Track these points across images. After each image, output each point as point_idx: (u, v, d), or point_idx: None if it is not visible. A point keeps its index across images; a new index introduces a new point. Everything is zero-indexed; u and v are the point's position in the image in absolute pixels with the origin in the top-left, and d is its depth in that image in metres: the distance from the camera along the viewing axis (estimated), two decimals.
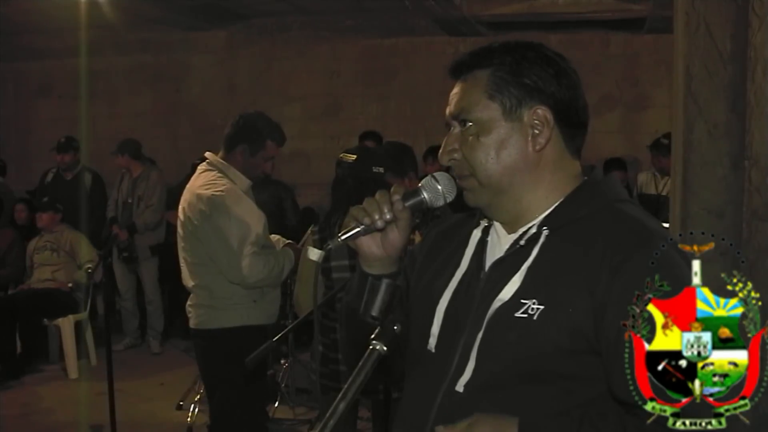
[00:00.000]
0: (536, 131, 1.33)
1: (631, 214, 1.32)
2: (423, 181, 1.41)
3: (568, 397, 1.24)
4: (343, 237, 1.38)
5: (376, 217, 1.36)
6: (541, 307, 1.25)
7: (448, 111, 1.39)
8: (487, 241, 1.41)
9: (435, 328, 1.38)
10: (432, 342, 1.38)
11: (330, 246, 1.41)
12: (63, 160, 6.83)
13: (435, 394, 1.33)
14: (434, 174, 1.42)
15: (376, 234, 1.39)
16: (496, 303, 1.30)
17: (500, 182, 1.35)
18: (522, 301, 1.27)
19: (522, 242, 1.33)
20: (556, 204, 1.35)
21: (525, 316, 1.25)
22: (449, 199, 1.40)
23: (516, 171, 1.34)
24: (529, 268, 1.30)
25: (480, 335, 1.30)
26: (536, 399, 1.25)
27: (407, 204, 1.38)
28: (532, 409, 1.24)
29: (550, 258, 1.29)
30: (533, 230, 1.33)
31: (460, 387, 1.30)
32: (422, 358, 1.39)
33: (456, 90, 1.39)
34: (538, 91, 1.33)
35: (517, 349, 1.26)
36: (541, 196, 1.35)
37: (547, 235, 1.31)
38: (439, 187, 1.39)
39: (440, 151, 1.40)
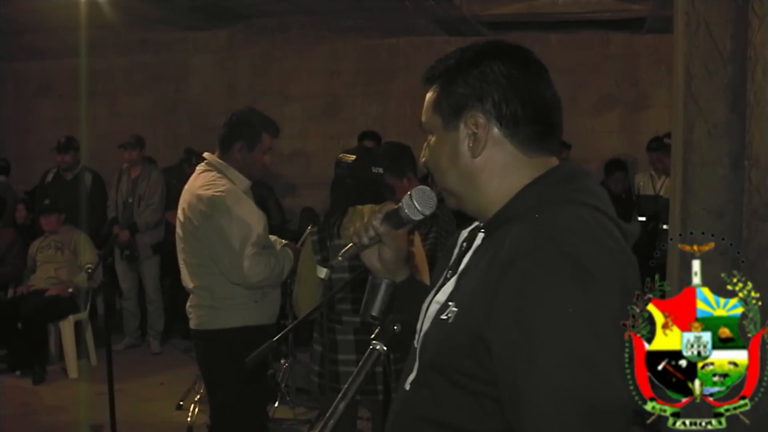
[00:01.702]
0: (474, 138, 1.33)
1: (547, 217, 1.23)
2: (403, 199, 1.50)
3: (487, 401, 1.22)
4: (341, 256, 1.54)
5: (363, 235, 1.51)
6: (456, 309, 1.27)
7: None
8: (471, 242, 1.44)
9: (419, 325, 1.43)
10: (417, 338, 1.43)
11: (332, 264, 1.55)
12: (63, 160, 6.83)
13: (401, 390, 1.40)
14: (411, 190, 1.50)
15: (374, 249, 1.53)
16: (434, 305, 1.36)
17: (453, 189, 1.38)
18: (449, 303, 1.31)
19: (464, 244, 1.39)
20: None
21: (445, 318, 1.29)
22: (427, 213, 1.47)
23: (463, 179, 1.35)
24: (461, 271, 1.34)
25: (421, 336, 1.37)
26: (458, 400, 1.26)
27: (386, 222, 1.49)
28: (455, 410, 1.26)
29: (476, 261, 1.31)
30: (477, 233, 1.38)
31: (407, 385, 1.37)
32: (410, 355, 1.44)
33: None
34: (470, 97, 1.32)
35: (437, 351, 1.29)
36: (495, 200, 1.33)
37: (483, 239, 1.34)
38: (414, 203, 1.47)
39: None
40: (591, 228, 1.22)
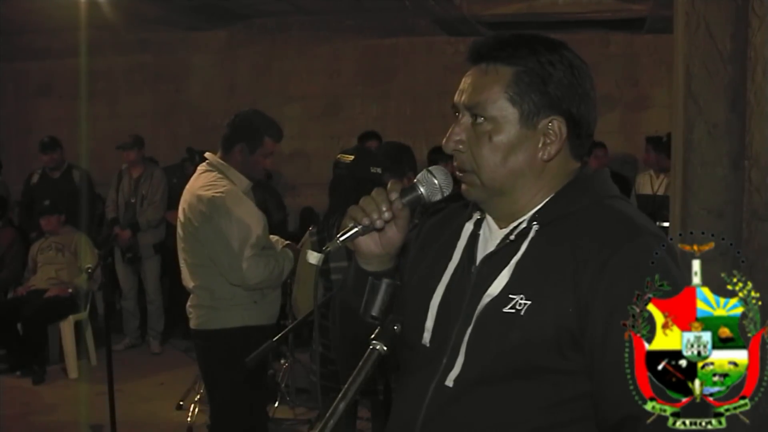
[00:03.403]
0: (548, 140, 1.32)
1: (620, 209, 1.32)
2: (419, 176, 1.39)
3: (556, 391, 1.24)
4: (341, 239, 1.36)
5: (375, 217, 1.34)
6: (529, 302, 1.25)
7: (459, 97, 1.36)
8: (478, 235, 1.41)
9: (429, 323, 1.38)
10: (426, 337, 1.38)
11: (329, 249, 1.39)
12: (52, 159, 6.81)
13: (426, 389, 1.33)
14: (430, 168, 1.40)
15: (374, 232, 1.37)
16: (486, 298, 1.30)
17: (502, 185, 1.34)
18: (510, 296, 1.27)
19: (512, 237, 1.33)
20: (547, 200, 1.35)
21: (513, 311, 1.26)
22: (446, 193, 1.38)
23: (519, 176, 1.33)
24: (518, 263, 1.30)
25: (469, 330, 1.31)
26: (523, 393, 1.25)
27: (404, 201, 1.36)
28: (519, 403, 1.25)
29: (539, 253, 1.29)
30: (523, 225, 1.33)
31: (450, 382, 1.31)
32: (417, 353, 1.40)
33: (472, 79, 1.35)
34: (559, 103, 1.31)
35: (505, 344, 1.26)
36: (538, 197, 1.35)
37: (536, 231, 1.31)
38: (436, 182, 1.37)
39: (446, 138, 1.37)
40: (648, 218, 1.33)
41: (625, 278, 1.19)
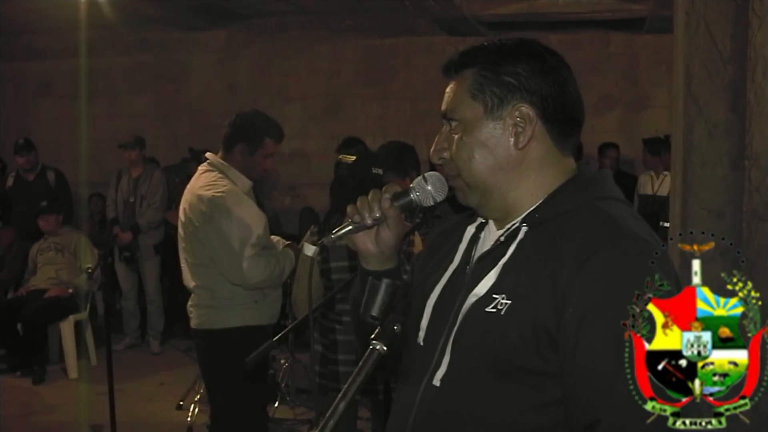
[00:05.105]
0: (519, 129, 1.33)
1: (609, 212, 1.29)
2: (414, 182, 1.43)
3: (539, 393, 1.24)
4: (335, 234, 1.43)
5: (366, 215, 1.41)
6: (509, 302, 1.26)
7: (441, 110, 1.41)
8: (479, 237, 1.43)
9: (424, 322, 1.41)
10: (421, 335, 1.41)
11: (324, 242, 1.45)
12: (28, 161, 6.82)
13: (418, 388, 1.35)
14: (425, 174, 1.44)
15: (370, 231, 1.44)
16: (471, 298, 1.32)
17: (485, 182, 1.36)
18: (493, 296, 1.28)
19: (502, 238, 1.34)
20: (540, 201, 1.35)
21: (494, 311, 1.27)
22: (439, 199, 1.42)
23: (499, 170, 1.35)
24: (504, 264, 1.31)
25: (455, 330, 1.33)
26: (506, 395, 1.25)
27: (396, 203, 1.41)
28: (502, 405, 1.25)
29: (525, 254, 1.30)
30: (515, 226, 1.34)
31: (436, 381, 1.33)
32: (413, 352, 1.42)
33: (447, 90, 1.41)
34: (520, 89, 1.33)
35: (485, 344, 1.27)
36: (527, 194, 1.36)
37: (526, 232, 1.32)
38: (428, 188, 1.41)
39: (431, 149, 1.42)
40: (644, 222, 1.31)
41: (601, 281, 1.18)
